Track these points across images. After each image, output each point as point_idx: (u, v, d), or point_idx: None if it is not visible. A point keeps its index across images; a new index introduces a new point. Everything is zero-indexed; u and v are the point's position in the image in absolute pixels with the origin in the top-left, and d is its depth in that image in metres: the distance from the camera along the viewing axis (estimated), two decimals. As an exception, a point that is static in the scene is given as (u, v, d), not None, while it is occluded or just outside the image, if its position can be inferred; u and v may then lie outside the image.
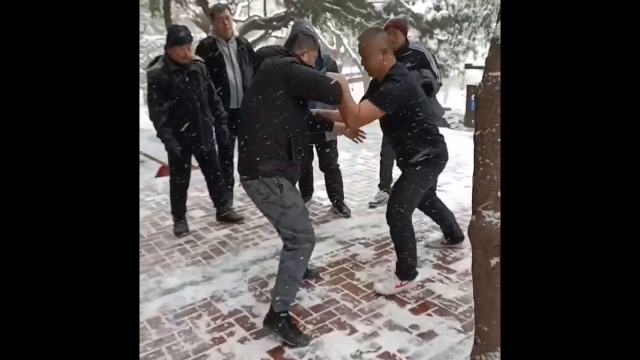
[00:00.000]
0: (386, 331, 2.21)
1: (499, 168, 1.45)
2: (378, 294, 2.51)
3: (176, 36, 3.15)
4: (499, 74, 1.42)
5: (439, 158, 2.47)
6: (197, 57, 3.41)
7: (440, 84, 3.54)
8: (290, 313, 2.22)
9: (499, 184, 1.46)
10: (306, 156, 2.29)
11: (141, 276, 2.91)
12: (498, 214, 1.49)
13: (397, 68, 2.33)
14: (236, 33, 3.83)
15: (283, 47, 2.28)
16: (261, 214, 3.83)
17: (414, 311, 2.36)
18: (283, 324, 2.13)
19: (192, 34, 3.34)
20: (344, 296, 2.54)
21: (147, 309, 2.53)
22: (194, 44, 3.67)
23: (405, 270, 2.51)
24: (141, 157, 6.73)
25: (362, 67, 2.47)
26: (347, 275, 2.77)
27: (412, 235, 2.48)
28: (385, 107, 2.22)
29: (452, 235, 2.97)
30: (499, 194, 1.47)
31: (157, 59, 3.35)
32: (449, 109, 9.81)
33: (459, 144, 5.79)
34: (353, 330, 2.23)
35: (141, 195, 4.59)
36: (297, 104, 2.14)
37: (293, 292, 2.18)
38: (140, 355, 2.14)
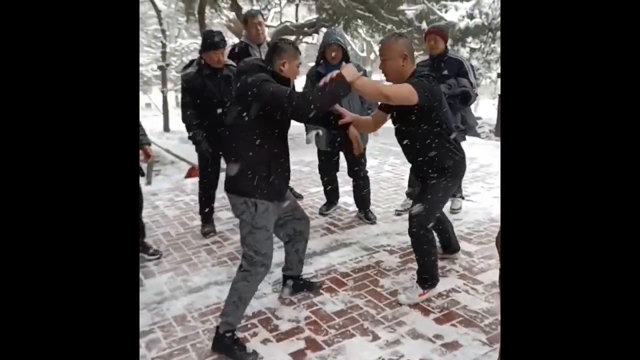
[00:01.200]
0: (409, 339, 2.19)
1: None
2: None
3: (211, 41, 3.22)
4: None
5: (458, 170, 2.46)
6: (230, 62, 3.48)
7: (477, 95, 3.51)
8: (314, 317, 2.23)
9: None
10: (288, 175, 2.27)
11: (169, 274, 2.98)
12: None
13: (419, 72, 2.33)
14: (268, 39, 3.89)
15: (262, 60, 2.23)
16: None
17: (438, 321, 2.33)
18: (228, 343, 2.12)
19: (225, 38, 3.41)
20: (367, 302, 2.54)
21: (174, 307, 2.58)
22: (227, 49, 3.74)
23: (427, 279, 2.49)
24: (172, 158, 6.90)
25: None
26: (371, 282, 2.77)
27: (434, 245, 2.47)
28: (422, 96, 2.17)
29: (449, 246, 2.94)
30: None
31: (191, 62, 3.44)
32: (479, 118, 9.67)
33: (489, 154, 5.71)
34: (375, 337, 2.22)
35: (171, 195, 4.70)
36: (275, 124, 2.10)
37: (240, 314, 2.18)
38: (166, 351, 2.19)
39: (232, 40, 12.24)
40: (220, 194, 4.45)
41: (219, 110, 3.31)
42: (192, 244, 3.46)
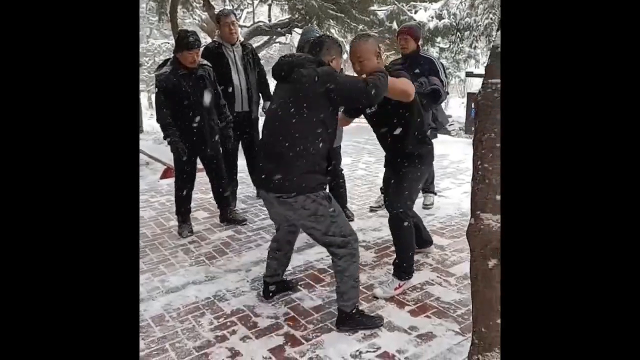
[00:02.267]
0: (385, 332, 2.25)
1: (498, 172, 1.51)
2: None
3: (186, 41, 3.22)
4: (498, 81, 1.48)
5: (429, 158, 2.60)
6: (205, 62, 3.48)
7: (448, 93, 3.62)
8: (292, 313, 2.28)
9: (498, 187, 1.52)
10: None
11: (146, 275, 2.96)
12: (496, 217, 1.54)
13: (390, 66, 2.47)
14: (241, 38, 3.91)
15: (310, 55, 2.22)
16: (264, 216, 3.92)
17: (413, 313, 2.40)
18: (359, 318, 2.27)
19: (200, 39, 3.41)
20: (345, 297, 2.59)
21: (152, 307, 2.58)
22: (201, 49, 3.74)
23: (404, 270, 2.57)
24: (147, 159, 6.80)
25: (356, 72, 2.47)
26: (347, 277, 2.82)
27: (412, 232, 2.57)
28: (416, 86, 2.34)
29: (420, 241, 2.98)
30: (497, 197, 1.52)
31: (165, 62, 3.43)
32: (449, 116, 9.88)
33: (459, 151, 5.86)
34: (352, 331, 2.27)
35: (146, 196, 4.65)
36: (333, 115, 2.14)
37: (358, 290, 2.30)
38: (144, 352, 2.19)
39: (205, 40, 12.11)
40: (197, 194, 4.47)
41: (195, 110, 3.31)
42: (168, 245, 3.45)
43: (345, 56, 4.75)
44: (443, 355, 2.06)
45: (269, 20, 11.29)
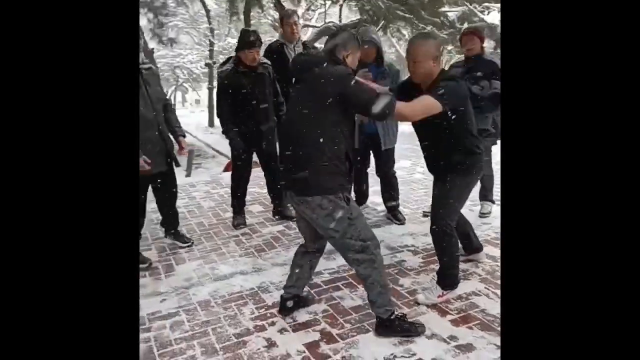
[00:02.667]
0: (423, 339, 2.20)
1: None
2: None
3: (246, 40, 3.34)
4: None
5: (475, 168, 2.46)
6: (265, 60, 3.59)
7: None
8: (331, 310, 2.28)
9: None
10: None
11: (198, 262, 3.12)
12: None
13: (446, 72, 2.33)
14: (303, 38, 3.98)
15: (326, 52, 2.15)
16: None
17: (455, 322, 2.33)
18: (399, 324, 2.21)
19: (269, 38, 3.52)
20: (386, 300, 2.56)
21: (200, 293, 2.71)
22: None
23: (447, 279, 2.50)
24: (212, 152, 7.13)
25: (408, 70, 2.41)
26: (391, 280, 2.78)
27: (456, 245, 2.47)
28: (445, 103, 2.17)
29: (470, 247, 2.91)
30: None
31: (228, 60, 3.58)
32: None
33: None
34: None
35: (207, 188, 4.89)
36: (349, 117, 2.13)
37: (389, 295, 2.24)
38: (188, 333, 2.31)
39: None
40: (254, 188, 4.62)
41: (253, 107, 3.43)
42: (222, 235, 3.59)
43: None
44: (480, 369, 1.98)
45: (340, 21, 11.39)
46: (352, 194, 3.96)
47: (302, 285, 2.46)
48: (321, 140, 2.00)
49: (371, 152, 3.71)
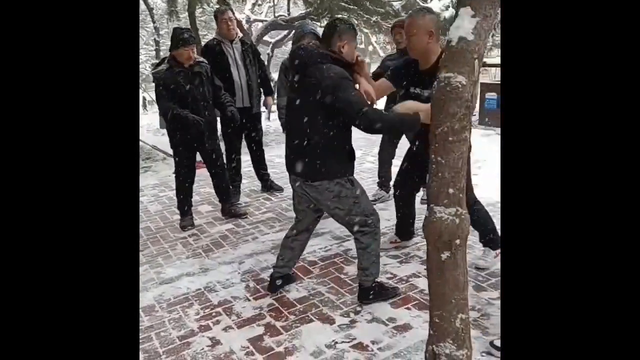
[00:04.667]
0: (364, 323, 2.27)
1: (451, 165, 1.51)
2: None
3: (179, 38, 3.29)
4: (450, 74, 1.48)
5: None
6: (201, 59, 3.55)
7: None
8: (276, 304, 2.32)
9: (451, 180, 1.52)
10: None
11: (144, 267, 3.07)
12: (449, 210, 1.53)
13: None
14: (240, 34, 3.95)
15: (320, 45, 2.21)
16: (265, 210, 3.98)
17: (395, 305, 2.40)
18: (378, 290, 2.41)
19: (194, 36, 3.46)
20: (330, 289, 2.62)
21: (145, 298, 2.68)
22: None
23: (494, 241, 2.67)
24: (162, 155, 6.99)
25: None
26: (336, 269, 2.85)
27: (485, 211, 2.63)
28: None
29: (405, 231, 3.03)
30: (450, 190, 1.52)
31: (162, 60, 3.52)
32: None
33: (474, 142, 5.74)
34: (332, 322, 2.30)
35: (155, 191, 4.80)
36: None
37: (379, 266, 2.42)
38: (131, 340, 2.28)
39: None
40: (203, 188, 4.58)
41: (192, 107, 3.38)
42: (169, 238, 3.56)
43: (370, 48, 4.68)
44: (416, 346, 2.06)
45: (288, 14, 11.35)
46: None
47: (292, 264, 2.64)
48: (322, 128, 2.14)
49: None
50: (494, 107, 5.89)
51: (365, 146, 6.08)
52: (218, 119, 3.79)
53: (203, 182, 4.65)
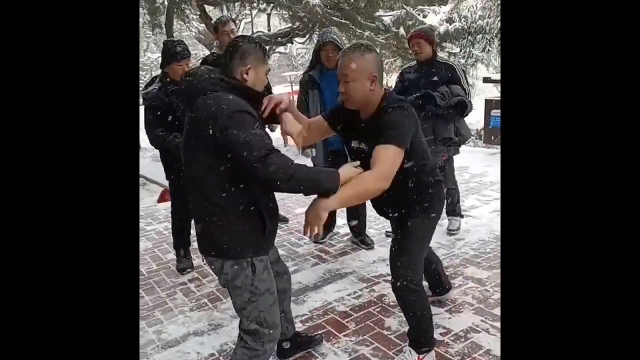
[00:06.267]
0: (430, 401, 1.84)
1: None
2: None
3: (172, 52, 2.83)
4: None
5: (437, 204, 2.00)
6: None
7: (471, 103, 3.20)
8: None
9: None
10: (277, 212, 1.76)
11: (140, 325, 2.55)
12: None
13: (391, 96, 1.83)
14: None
15: (213, 70, 1.63)
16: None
17: (462, 372, 1.99)
18: None
19: (196, 51, 3.04)
20: (375, 350, 2.18)
21: (146, 368, 2.17)
22: (198, 61, 3.37)
23: (422, 341, 2.03)
24: (141, 180, 6.42)
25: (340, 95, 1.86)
26: (374, 323, 2.41)
27: (425, 300, 1.99)
28: (404, 144, 1.71)
29: (439, 287, 2.49)
30: None
31: (153, 79, 3.05)
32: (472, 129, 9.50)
33: (480, 162, 5.45)
34: (390, 399, 1.86)
35: (142, 224, 4.26)
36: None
37: None
38: None
39: (202, 52, 11.79)
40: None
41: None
42: (166, 284, 3.04)
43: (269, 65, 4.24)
44: None
45: (268, 30, 11.00)
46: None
47: (289, 329, 2.09)
48: (216, 189, 1.55)
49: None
50: (500, 124, 5.64)
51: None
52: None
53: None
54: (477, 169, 5.19)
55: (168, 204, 4.54)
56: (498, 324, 2.30)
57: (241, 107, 1.51)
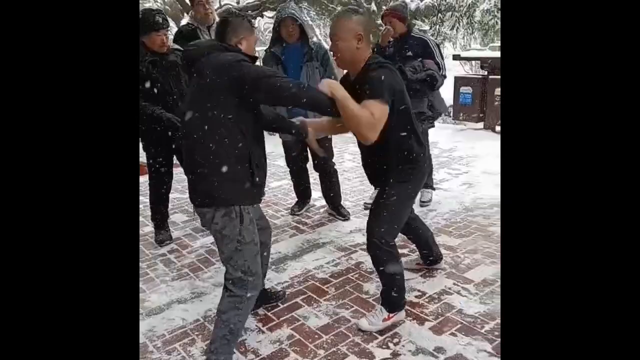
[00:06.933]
0: (409, 356, 1.97)
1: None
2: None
3: (151, 21, 2.78)
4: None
5: (422, 171, 2.10)
6: (176, 46, 3.06)
7: (445, 76, 3.29)
8: (297, 335, 1.95)
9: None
10: (266, 168, 1.90)
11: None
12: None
13: (375, 58, 1.95)
14: (217, 19, 3.49)
15: (214, 39, 1.90)
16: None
17: (436, 330, 2.12)
18: None
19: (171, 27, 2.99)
20: (354, 313, 2.29)
21: (131, 335, 2.21)
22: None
23: (392, 301, 2.14)
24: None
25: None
26: (353, 288, 2.52)
27: (396, 263, 2.08)
28: (387, 99, 1.82)
29: (431, 257, 2.59)
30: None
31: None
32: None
33: (448, 138, 5.62)
34: (371, 356, 1.98)
35: (114, 198, 4.21)
36: (252, 112, 1.78)
37: (232, 348, 1.87)
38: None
39: (171, 26, 11.40)
40: (173, 194, 4.05)
41: (167, 102, 2.89)
42: (146, 256, 3.05)
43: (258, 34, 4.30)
44: (480, 384, 1.80)
45: (237, 3, 10.74)
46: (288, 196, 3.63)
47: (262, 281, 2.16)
48: (217, 143, 1.70)
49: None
50: (469, 101, 5.77)
51: (338, 142, 5.78)
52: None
53: (172, 187, 4.13)
54: (447, 145, 5.36)
55: (144, 178, 4.51)
56: (469, 287, 2.46)
57: (239, 57, 1.74)
